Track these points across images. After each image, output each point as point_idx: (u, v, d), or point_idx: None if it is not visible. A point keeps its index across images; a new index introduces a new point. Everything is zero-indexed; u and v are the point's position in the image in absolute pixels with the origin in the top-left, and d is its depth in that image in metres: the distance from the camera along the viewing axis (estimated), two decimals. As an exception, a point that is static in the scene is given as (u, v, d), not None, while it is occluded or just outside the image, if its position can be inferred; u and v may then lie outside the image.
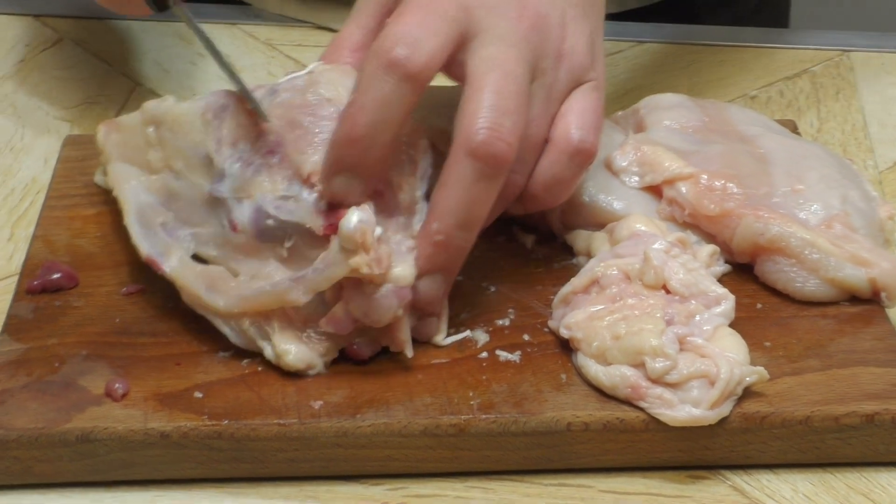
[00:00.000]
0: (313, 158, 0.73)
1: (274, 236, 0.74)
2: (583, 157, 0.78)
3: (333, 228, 0.71)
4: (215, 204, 0.76)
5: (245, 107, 0.76)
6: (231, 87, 0.77)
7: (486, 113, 0.72)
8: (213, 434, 0.70)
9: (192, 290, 0.75)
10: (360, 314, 0.72)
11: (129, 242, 0.79)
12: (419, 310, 0.75)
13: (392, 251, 0.72)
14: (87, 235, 0.84)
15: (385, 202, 0.74)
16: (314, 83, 0.76)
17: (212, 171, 0.76)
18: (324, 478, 0.72)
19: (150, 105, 0.81)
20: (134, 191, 0.80)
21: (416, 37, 0.72)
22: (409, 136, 0.75)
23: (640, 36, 1.13)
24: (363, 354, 0.74)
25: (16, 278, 0.82)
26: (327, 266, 0.71)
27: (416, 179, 0.74)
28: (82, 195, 0.87)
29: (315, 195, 0.73)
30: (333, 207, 0.73)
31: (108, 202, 0.84)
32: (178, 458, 0.71)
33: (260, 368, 0.74)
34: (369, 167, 0.72)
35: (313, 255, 0.72)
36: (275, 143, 0.75)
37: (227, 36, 1.12)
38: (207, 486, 0.71)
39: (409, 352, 0.74)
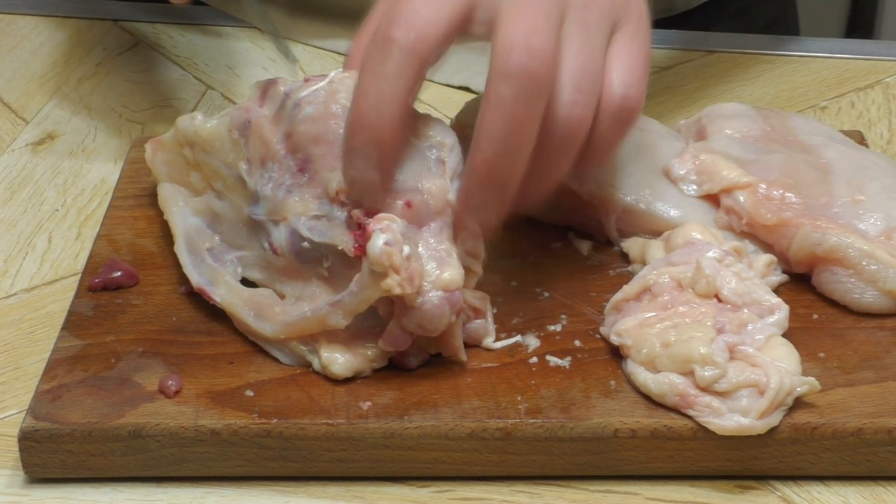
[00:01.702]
0: (340, 176, 0.73)
1: (311, 257, 0.75)
2: (628, 114, 0.76)
3: (362, 250, 0.71)
4: (255, 226, 0.77)
5: (265, 120, 0.76)
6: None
7: (518, 35, 0.71)
8: (262, 432, 0.71)
9: (242, 318, 0.76)
10: (413, 327, 0.72)
11: (189, 243, 0.80)
12: (467, 249, 0.75)
13: (422, 269, 0.72)
14: (149, 235, 0.85)
15: (415, 211, 0.73)
16: (334, 92, 0.75)
17: (247, 190, 0.77)
18: (371, 478, 0.72)
19: (182, 124, 0.81)
20: (182, 214, 0.81)
21: (416, 10, 0.70)
22: (436, 136, 0.75)
23: (710, 45, 1.12)
24: (410, 364, 0.74)
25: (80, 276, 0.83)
26: (361, 289, 0.72)
27: (446, 180, 0.74)
28: (147, 196, 0.88)
29: (346, 213, 0.73)
30: (362, 224, 0.72)
31: (171, 203, 0.86)
32: (227, 455, 0.71)
33: (311, 369, 0.74)
34: (382, 152, 0.71)
35: (351, 275, 0.73)
36: (303, 161, 0.75)
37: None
38: (256, 484, 0.72)
39: (463, 356, 0.75)
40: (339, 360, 0.73)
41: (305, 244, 0.74)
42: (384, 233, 0.70)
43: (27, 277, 0.87)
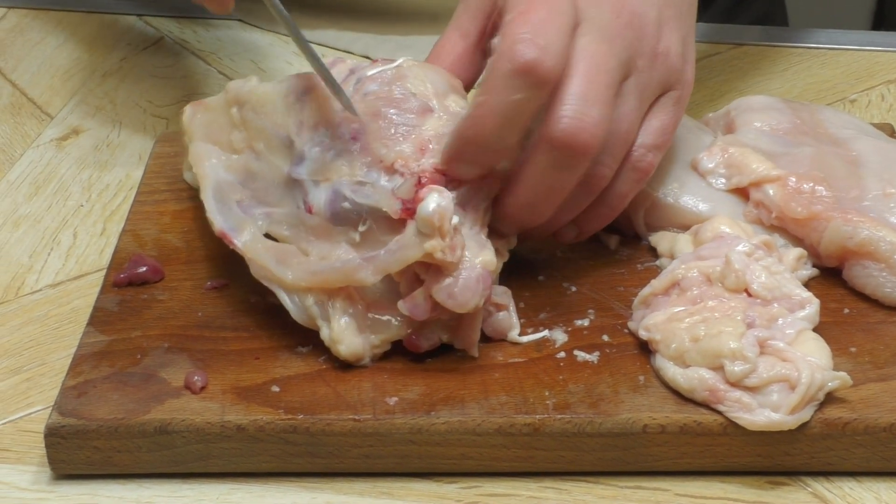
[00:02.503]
0: (397, 148, 0.74)
1: (348, 219, 0.74)
2: (638, 175, 0.78)
3: (410, 213, 0.71)
4: (292, 185, 0.77)
5: (327, 92, 0.76)
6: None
7: (573, 101, 0.72)
8: (288, 428, 0.71)
9: (262, 262, 0.75)
10: (443, 297, 0.72)
11: (214, 237, 0.79)
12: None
13: (464, 243, 0.72)
14: (174, 230, 0.85)
15: (471, 190, 0.74)
16: (401, 77, 0.76)
17: (291, 154, 0.77)
18: (398, 474, 0.72)
19: (235, 85, 0.82)
20: (213, 168, 0.80)
21: (544, 38, 0.71)
22: None
23: (739, 39, 1.12)
24: (420, 346, 0.74)
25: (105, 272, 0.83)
26: (401, 248, 0.71)
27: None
28: (172, 191, 0.88)
29: (393, 182, 0.73)
30: (412, 194, 0.73)
31: (196, 198, 0.85)
32: (253, 451, 0.71)
33: (337, 364, 0.74)
34: (489, 163, 0.73)
35: (386, 240, 0.73)
36: (357, 131, 0.75)
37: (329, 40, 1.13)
38: (282, 480, 0.72)
39: (476, 352, 0.74)
40: (346, 340, 0.73)
41: (346, 205, 0.74)
42: (438, 195, 0.71)
43: (52, 273, 0.87)
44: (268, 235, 0.77)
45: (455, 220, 0.71)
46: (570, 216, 0.78)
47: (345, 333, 0.73)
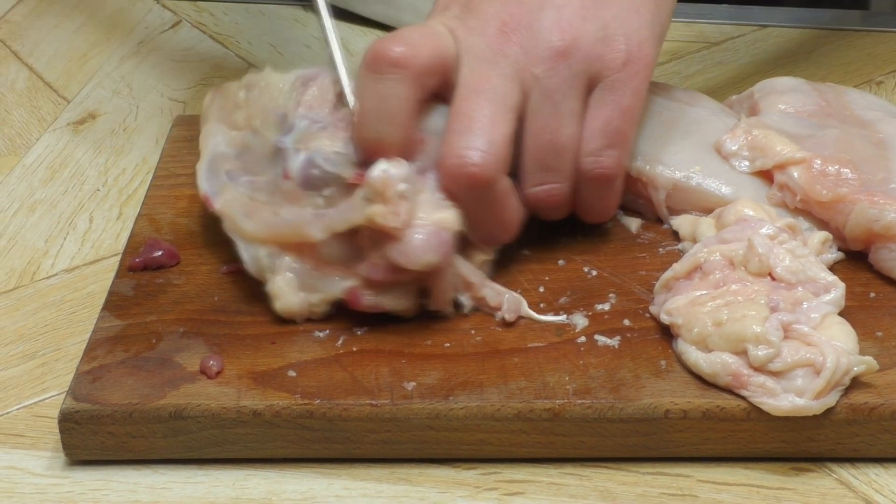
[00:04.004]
0: None
1: (315, 185, 0.76)
2: (601, 182, 0.78)
3: (362, 178, 0.73)
4: (277, 155, 0.78)
5: (331, 82, 0.79)
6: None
7: (451, 139, 0.74)
8: (304, 413, 0.70)
9: (232, 217, 0.76)
10: (396, 255, 0.72)
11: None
12: None
13: (413, 210, 0.73)
14: (190, 214, 0.84)
15: (429, 153, 0.75)
16: None
17: (283, 127, 0.78)
18: (416, 460, 0.71)
19: (251, 73, 0.83)
20: (215, 144, 0.81)
21: (401, 33, 0.74)
22: None
23: (763, 20, 1.10)
24: (360, 302, 0.74)
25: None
26: (347, 209, 0.73)
27: None
28: (188, 175, 0.87)
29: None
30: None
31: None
32: (269, 436, 0.70)
33: (354, 349, 0.73)
34: (392, 155, 0.74)
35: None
36: (347, 118, 0.77)
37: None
38: (299, 466, 0.71)
39: (450, 308, 0.75)
40: (282, 297, 0.74)
41: (315, 171, 0.76)
42: (389, 163, 0.72)
43: (68, 258, 0.86)
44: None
45: (403, 187, 0.72)
46: (554, 218, 0.79)
47: (283, 290, 0.74)
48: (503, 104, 0.74)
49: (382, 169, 0.72)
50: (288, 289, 0.74)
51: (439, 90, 0.76)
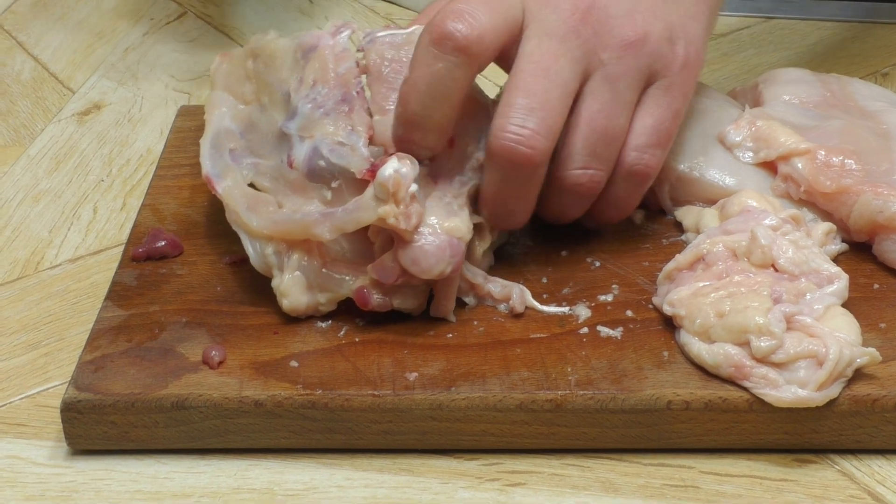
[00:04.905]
0: (379, 118, 0.75)
1: (322, 177, 0.75)
2: (638, 179, 0.77)
3: (372, 174, 0.72)
4: (282, 139, 0.77)
5: (333, 50, 0.77)
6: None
7: (508, 112, 0.73)
8: (306, 403, 0.70)
9: (234, 207, 0.76)
10: (408, 262, 0.72)
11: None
12: None
13: (423, 212, 0.72)
14: (194, 205, 0.84)
15: (454, 154, 0.74)
16: (410, 42, 0.75)
17: (288, 105, 0.77)
18: (418, 451, 0.71)
19: (256, 38, 0.82)
20: (220, 116, 0.81)
21: (470, 12, 0.71)
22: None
23: (770, 12, 1.10)
24: (368, 302, 0.73)
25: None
26: (357, 209, 0.72)
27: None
28: (192, 165, 0.87)
29: (371, 150, 0.74)
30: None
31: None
32: (271, 427, 0.70)
33: (357, 339, 0.73)
34: (430, 145, 0.73)
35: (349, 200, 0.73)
36: (347, 94, 0.75)
37: (349, 10, 1.12)
38: (301, 457, 0.71)
39: (452, 317, 0.74)
40: (293, 296, 0.74)
41: (322, 163, 0.74)
42: (399, 162, 0.71)
43: (72, 248, 0.87)
44: (252, 185, 0.77)
45: (413, 188, 0.71)
46: (572, 217, 0.78)
47: (292, 289, 0.74)
48: (565, 89, 0.74)
49: (394, 168, 0.71)
50: (296, 288, 0.74)
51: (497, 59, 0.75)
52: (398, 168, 0.71)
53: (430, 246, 0.72)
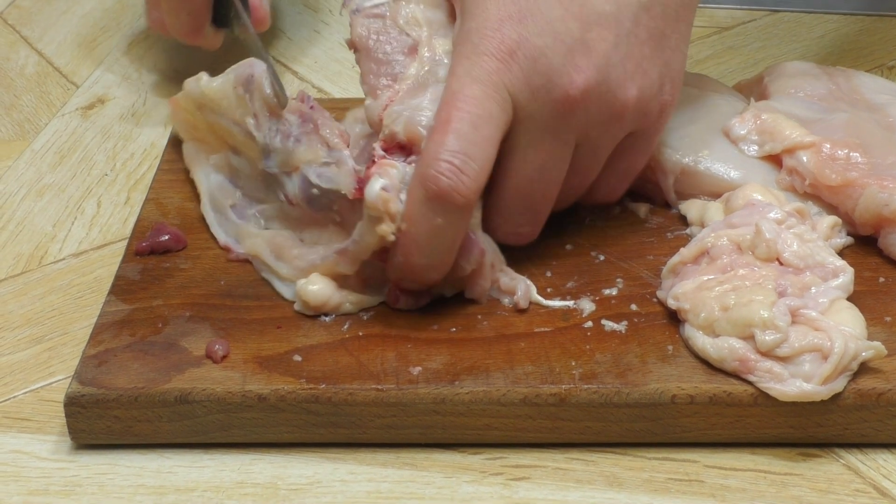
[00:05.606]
0: (384, 96, 0.74)
1: (322, 205, 0.75)
2: (605, 203, 0.81)
3: (361, 193, 0.71)
4: (270, 180, 0.77)
5: (269, 74, 0.77)
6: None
7: (513, 216, 0.75)
8: (310, 398, 0.69)
9: (263, 258, 0.76)
10: None
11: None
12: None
13: None
14: (197, 199, 0.84)
15: None
16: (396, 12, 0.75)
17: (258, 145, 0.77)
18: (421, 445, 0.71)
19: (188, 86, 0.82)
20: (204, 172, 0.82)
21: (463, 164, 0.69)
22: None
23: (775, 5, 1.09)
24: (397, 301, 0.74)
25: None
26: (361, 236, 0.72)
27: None
28: (196, 159, 0.87)
29: (353, 163, 0.73)
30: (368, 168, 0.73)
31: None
32: (275, 421, 0.70)
33: (360, 333, 0.73)
34: (433, 280, 0.73)
35: (357, 219, 0.72)
36: (302, 114, 0.75)
37: None
38: (304, 451, 0.71)
39: (484, 300, 0.75)
40: (324, 290, 0.74)
41: (315, 191, 0.74)
42: (382, 177, 0.71)
43: (76, 242, 0.86)
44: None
45: (403, 197, 0.71)
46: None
47: (323, 289, 0.74)
48: (557, 180, 0.74)
49: (380, 185, 0.70)
50: (329, 289, 0.74)
51: None
52: (383, 185, 0.70)
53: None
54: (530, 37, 0.71)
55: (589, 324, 0.73)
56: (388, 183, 0.70)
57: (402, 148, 0.73)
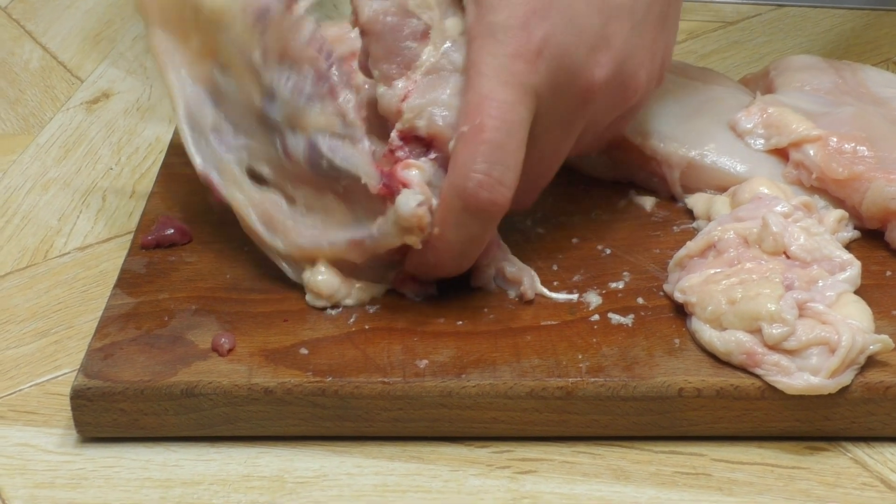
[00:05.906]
0: (399, 85, 0.72)
1: (328, 175, 0.73)
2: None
3: (388, 191, 0.70)
4: (267, 122, 0.74)
5: (289, 11, 0.72)
6: None
7: (525, 197, 0.75)
8: (316, 391, 0.69)
9: (251, 225, 0.75)
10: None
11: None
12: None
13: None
14: (202, 192, 0.83)
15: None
16: None
17: (260, 82, 0.73)
18: (428, 438, 0.70)
19: None
20: (181, 82, 0.75)
21: (500, 179, 0.70)
22: None
23: (780, -1, 1.10)
24: (405, 288, 0.74)
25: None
26: (383, 236, 0.71)
27: None
28: (201, 153, 0.87)
29: (368, 143, 0.72)
30: (392, 159, 0.72)
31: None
32: (281, 414, 0.70)
33: (367, 326, 0.73)
34: (455, 275, 0.74)
35: (368, 203, 0.71)
36: (320, 71, 0.72)
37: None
38: (311, 444, 0.70)
39: (492, 286, 0.75)
40: (328, 274, 0.74)
41: (324, 163, 0.72)
42: (416, 190, 0.70)
43: (81, 236, 0.86)
44: (250, 169, 0.75)
45: (435, 203, 0.71)
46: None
47: (329, 279, 0.73)
48: (561, 159, 0.75)
49: (417, 201, 0.70)
50: (336, 278, 0.74)
51: None
52: (419, 201, 0.70)
53: None
54: (556, 33, 0.70)
55: (595, 317, 0.73)
56: (423, 199, 0.70)
57: (419, 140, 0.72)
